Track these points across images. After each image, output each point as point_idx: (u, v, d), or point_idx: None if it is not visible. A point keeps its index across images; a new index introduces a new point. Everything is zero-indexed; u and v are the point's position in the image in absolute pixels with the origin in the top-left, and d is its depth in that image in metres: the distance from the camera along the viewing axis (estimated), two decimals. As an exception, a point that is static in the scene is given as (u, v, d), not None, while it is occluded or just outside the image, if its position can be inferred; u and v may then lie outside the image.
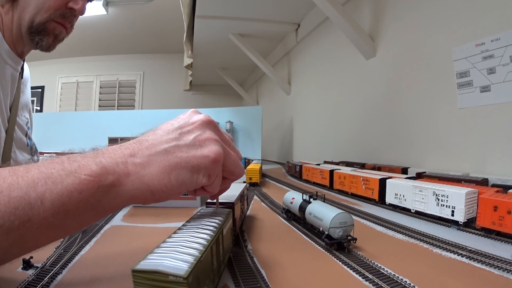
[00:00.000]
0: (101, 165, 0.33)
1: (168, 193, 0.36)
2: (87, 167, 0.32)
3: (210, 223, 0.42)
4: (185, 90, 4.87)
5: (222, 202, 0.57)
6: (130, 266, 0.27)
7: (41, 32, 0.64)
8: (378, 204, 0.96)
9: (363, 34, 1.62)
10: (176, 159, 0.36)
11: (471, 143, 1.09)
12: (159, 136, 0.37)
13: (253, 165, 1.55)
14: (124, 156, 0.35)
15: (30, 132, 0.89)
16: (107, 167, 0.33)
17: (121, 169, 0.34)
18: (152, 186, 0.35)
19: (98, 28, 3.78)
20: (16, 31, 0.66)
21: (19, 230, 0.29)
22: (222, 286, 0.42)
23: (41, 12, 0.62)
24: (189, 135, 0.38)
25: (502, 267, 0.47)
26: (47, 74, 4.86)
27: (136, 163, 0.35)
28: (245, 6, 2.23)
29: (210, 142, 0.38)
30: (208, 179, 0.38)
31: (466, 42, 1.07)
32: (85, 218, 0.34)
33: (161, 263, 0.28)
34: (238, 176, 0.44)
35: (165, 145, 0.36)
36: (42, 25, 0.63)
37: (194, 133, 0.38)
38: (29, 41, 0.66)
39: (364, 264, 0.49)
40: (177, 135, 0.37)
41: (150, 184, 0.35)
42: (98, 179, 0.32)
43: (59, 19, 0.64)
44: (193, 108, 0.43)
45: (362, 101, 1.77)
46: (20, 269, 0.46)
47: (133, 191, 0.34)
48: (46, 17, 0.63)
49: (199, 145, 0.37)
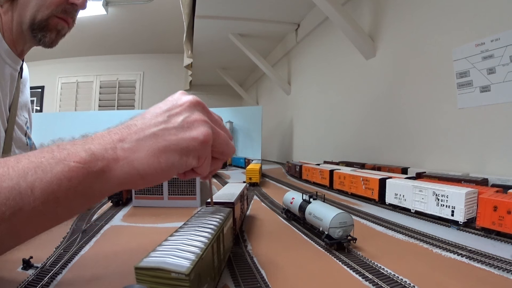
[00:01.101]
0: (90, 151, 0.33)
1: (157, 177, 0.36)
2: (76, 154, 0.32)
3: (211, 222, 0.42)
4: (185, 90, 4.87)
5: (222, 202, 0.57)
6: (130, 266, 0.27)
7: (44, 29, 0.64)
8: (378, 204, 0.96)
9: (363, 34, 1.62)
10: (165, 142, 0.36)
11: (471, 143, 1.09)
12: (148, 120, 0.37)
13: (253, 165, 1.55)
14: (113, 142, 0.35)
15: (29, 131, 0.89)
16: (96, 153, 0.33)
17: (110, 154, 0.34)
18: (141, 170, 0.35)
19: (98, 28, 3.78)
20: (16, 29, 0.66)
21: (11, 220, 0.30)
22: (222, 286, 0.42)
23: (43, 9, 0.62)
24: (178, 117, 0.37)
25: (502, 267, 0.47)
26: (47, 74, 4.85)
27: (125, 148, 0.35)
28: (245, 6, 2.23)
29: (199, 124, 0.38)
30: (198, 161, 0.38)
31: (466, 42, 1.07)
32: (76, 205, 0.34)
33: (164, 261, 0.28)
34: (229, 155, 0.44)
35: (154, 128, 0.36)
36: (44, 22, 0.63)
37: (182, 115, 0.38)
38: (32, 38, 0.66)
39: (364, 264, 0.49)
40: (166, 118, 0.37)
41: (139, 168, 0.35)
42: (87, 166, 0.32)
43: (61, 15, 0.64)
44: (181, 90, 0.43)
45: (362, 101, 1.77)
46: (20, 269, 0.46)
47: (122, 176, 0.34)
48: (48, 13, 0.63)
49: (188, 127, 0.37)
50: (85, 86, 4.98)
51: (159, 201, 0.94)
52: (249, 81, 4.68)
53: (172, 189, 0.94)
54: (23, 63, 0.78)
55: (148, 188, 0.93)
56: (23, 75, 0.81)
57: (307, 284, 0.43)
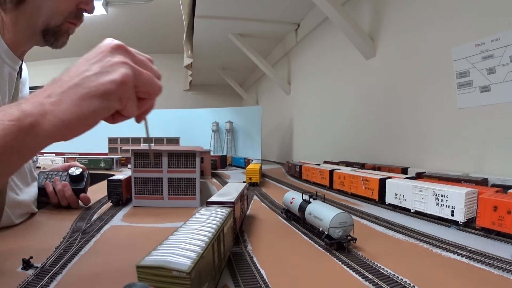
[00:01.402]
0: (21, 110, 0.36)
1: (82, 124, 0.38)
2: (10, 114, 0.35)
3: (212, 222, 0.43)
4: (185, 90, 4.87)
5: (222, 202, 0.57)
6: (130, 266, 0.27)
7: (57, 33, 0.67)
8: (378, 204, 0.96)
9: (363, 34, 1.62)
10: (84, 89, 0.37)
11: (471, 143, 1.09)
12: (72, 72, 0.39)
13: (253, 165, 1.55)
14: (42, 98, 0.37)
15: None
16: (26, 110, 0.36)
17: (38, 109, 0.36)
18: (66, 120, 0.36)
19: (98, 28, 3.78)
20: (23, 32, 0.68)
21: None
22: (222, 286, 0.42)
23: (56, 16, 0.65)
24: (98, 64, 0.39)
25: (502, 267, 0.47)
26: (47, 74, 4.80)
27: (51, 102, 0.37)
28: (245, 6, 2.23)
29: (118, 66, 0.39)
30: (120, 102, 0.39)
31: (466, 42, 1.07)
32: (12, 161, 0.37)
33: (165, 259, 0.29)
34: (156, 94, 0.44)
35: (76, 79, 0.38)
36: (57, 27, 0.66)
37: (102, 61, 0.39)
38: (42, 41, 0.69)
39: (364, 264, 0.49)
40: (87, 66, 0.39)
41: (64, 119, 0.36)
42: (19, 123, 0.35)
43: (73, 20, 0.68)
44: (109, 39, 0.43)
45: (362, 100, 1.77)
46: (20, 269, 0.46)
47: (50, 128, 0.36)
48: (61, 20, 0.66)
49: (107, 71, 0.38)
50: (85, 86, 4.98)
51: (159, 201, 0.94)
52: (249, 81, 4.68)
53: (172, 189, 0.94)
54: (22, 63, 0.79)
55: (148, 188, 0.94)
56: (23, 75, 0.83)
57: (307, 284, 0.43)
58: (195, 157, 0.93)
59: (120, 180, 0.95)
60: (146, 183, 0.94)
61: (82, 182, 0.94)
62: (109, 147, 2.86)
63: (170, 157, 0.93)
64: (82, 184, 0.93)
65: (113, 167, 2.20)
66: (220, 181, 1.59)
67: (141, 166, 0.93)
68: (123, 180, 0.95)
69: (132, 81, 0.39)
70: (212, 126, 3.03)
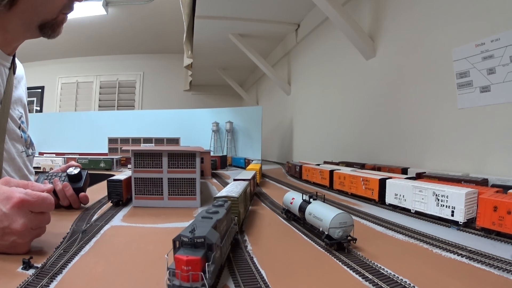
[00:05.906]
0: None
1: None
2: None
3: (243, 183, 0.89)
4: (185, 91, 4.87)
5: (244, 179, 0.98)
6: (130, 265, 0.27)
7: (53, 26, 0.73)
8: (378, 205, 0.96)
9: (363, 34, 1.62)
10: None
11: (471, 143, 1.09)
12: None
13: (253, 165, 1.55)
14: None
15: (24, 126, 0.93)
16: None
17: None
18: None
19: (98, 28, 3.78)
20: (14, 30, 0.72)
21: None
22: (222, 286, 0.42)
23: (52, 10, 0.71)
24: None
25: (502, 267, 0.47)
26: (47, 74, 4.85)
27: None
28: (245, 6, 2.23)
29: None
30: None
31: (466, 42, 1.07)
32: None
33: (228, 193, 0.70)
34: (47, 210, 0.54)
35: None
36: (53, 20, 0.72)
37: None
38: (38, 34, 0.74)
39: (364, 264, 0.49)
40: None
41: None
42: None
43: (66, 10, 0.74)
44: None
45: (362, 101, 1.77)
46: (20, 269, 0.46)
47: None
48: (57, 13, 0.72)
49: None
50: (85, 86, 4.98)
51: (159, 201, 0.94)
52: (249, 81, 4.68)
53: (172, 189, 0.94)
54: (15, 59, 0.84)
55: (148, 188, 0.94)
56: (18, 72, 0.87)
57: (307, 284, 0.43)
58: (195, 157, 0.93)
59: (120, 180, 0.95)
60: (146, 183, 0.94)
61: (81, 181, 0.94)
62: (109, 147, 2.86)
63: (170, 157, 0.93)
64: (80, 183, 0.93)
65: (113, 167, 2.20)
66: (220, 181, 1.59)
67: (141, 166, 0.93)
68: (123, 180, 0.95)
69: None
70: (212, 126, 3.03)
